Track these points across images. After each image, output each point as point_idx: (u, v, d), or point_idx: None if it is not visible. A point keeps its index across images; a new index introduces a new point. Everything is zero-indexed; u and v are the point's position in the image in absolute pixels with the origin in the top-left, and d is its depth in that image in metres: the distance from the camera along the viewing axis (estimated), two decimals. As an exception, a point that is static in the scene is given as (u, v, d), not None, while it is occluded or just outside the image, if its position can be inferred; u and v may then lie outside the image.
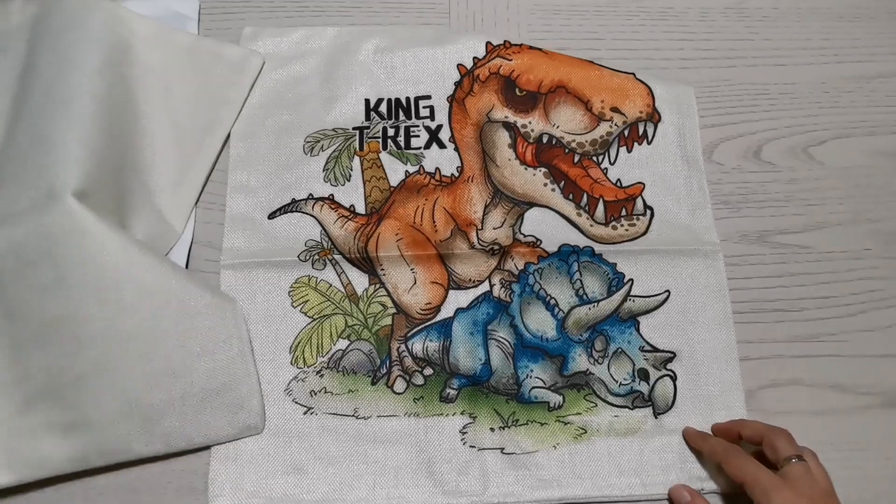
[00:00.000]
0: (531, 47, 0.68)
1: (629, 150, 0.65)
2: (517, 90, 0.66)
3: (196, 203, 0.63)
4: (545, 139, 0.65)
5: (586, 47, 0.70)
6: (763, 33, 0.72)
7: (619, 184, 0.64)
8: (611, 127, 0.65)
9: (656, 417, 0.57)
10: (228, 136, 0.65)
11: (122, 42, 0.64)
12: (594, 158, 0.65)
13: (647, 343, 0.59)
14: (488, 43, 0.68)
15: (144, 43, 0.65)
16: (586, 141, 0.64)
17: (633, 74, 0.67)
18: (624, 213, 0.63)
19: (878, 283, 0.63)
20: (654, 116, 0.66)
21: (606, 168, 0.65)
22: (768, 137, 0.68)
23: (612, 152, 0.65)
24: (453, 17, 0.71)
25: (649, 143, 0.66)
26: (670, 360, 0.59)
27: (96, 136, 0.58)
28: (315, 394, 0.57)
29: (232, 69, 0.66)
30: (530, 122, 0.65)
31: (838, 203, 0.66)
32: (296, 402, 0.57)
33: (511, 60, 0.67)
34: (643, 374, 0.58)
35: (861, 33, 0.72)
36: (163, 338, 0.55)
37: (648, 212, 0.63)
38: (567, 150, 0.64)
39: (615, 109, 0.65)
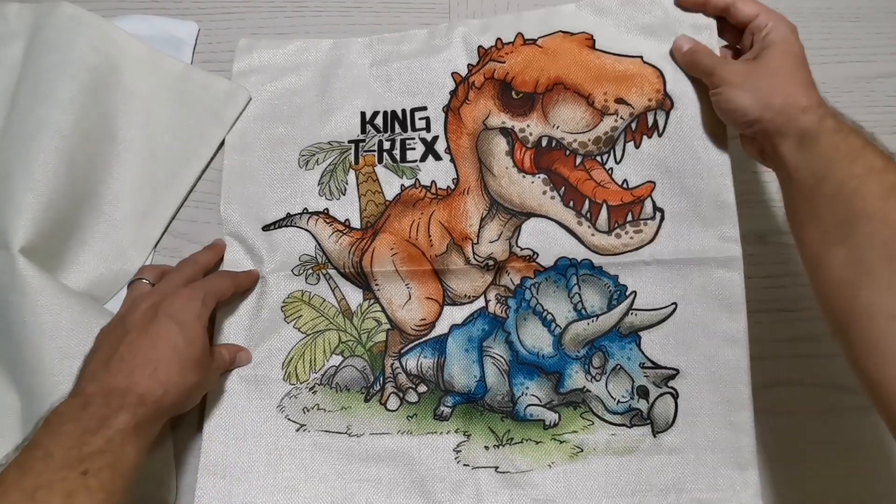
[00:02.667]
0: (525, 42, 0.63)
1: (637, 146, 0.59)
2: (513, 93, 0.62)
3: (160, 238, 0.64)
4: (544, 142, 0.61)
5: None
6: (763, 33, 0.70)
7: (625, 185, 0.59)
8: (615, 121, 0.59)
9: (655, 436, 0.56)
10: (203, 170, 0.65)
11: (108, 64, 0.64)
12: (598, 158, 0.60)
13: (649, 359, 0.57)
14: (480, 47, 0.64)
15: (133, 66, 0.66)
16: (589, 140, 0.60)
17: (641, 57, 0.60)
18: (630, 217, 0.58)
19: (878, 282, 0.61)
20: (665, 103, 0.59)
21: (612, 168, 0.59)
22: (769, 137, 0.66)
23: (618, 149, 0.59)
24: (453, 16, 0.70)
25: (660, 136, 0.59)
26: (672, 377, 0.57)
27: (56, 177, 0.58)
28: (308, 410, 0.57)
29: (218, 101, 0.66)
30: (528, 126, 0.61)
31: (838, 203, 0.64)
32: (288, 419, 0.57)
33: (504, 62, 0.63)
34: (643, 392, 0.57)
35: (861, 33, 0.71)
36: None
37: (658, 214, 0.58)
38: (568, 152, 0.60)
39: (620, 100, 0.59)
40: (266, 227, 0.63)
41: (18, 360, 0.55)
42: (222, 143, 0.66)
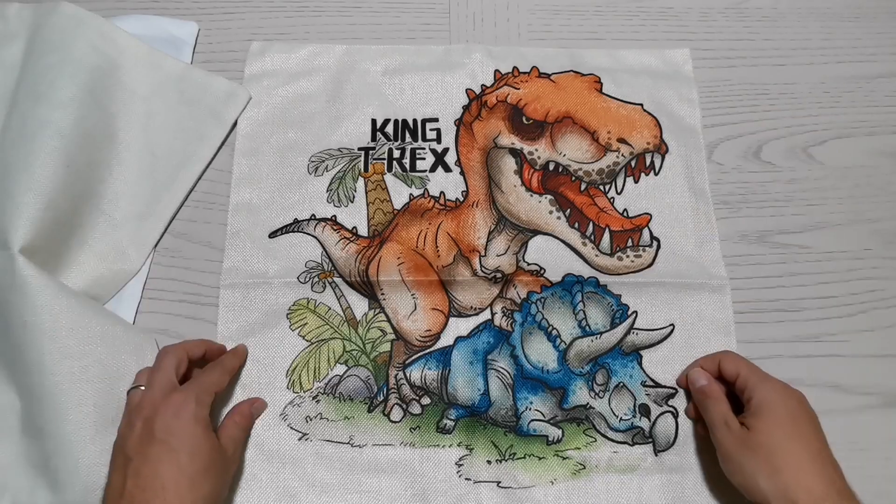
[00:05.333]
0: (539, 75, 0.67)
1: (636, 181, 0.64)
2: (524, 118, 0.65)
3: (160, 238, 0.63)
4: (552, 166, 0.64)
5: (586, 47, 0.70)
6: (763, 33, 0.72)
7: (625, 213, 0.63)
8: (617, 157, 0.64)
9: (656, 455, 0.56)
10: (204, 171, 0.64)
11: (108, 64, 0.64)
12: (601, 187, 0.64)
13: (650, 378, 0.58)
14: (497, 71, 0.68)
15: (133, 66, 0.65)
16: (593, 170, 0.64)
17: (641, 105, 0.66)
18: (630, 243, 0.62)
19: (878, 283, 0.63)
20: (661, 148, 0.65)
21: (613, 198, 0.64)
22: (768, 137, 0.68)
23: (619, 182, 0.64)
24: (453, 16, 0.71)
25: (656, 175, 0.65)
26: (672, 396, 0.58)
27: (56, 176, 0.57)
28: (310, 419, 0.56)
29: (218, 101, 0.65)
30: (537, 150, 0.64)
31: (838, 203, 0.65)
32: (291, 428, 0.56)
33: (518, 89, 0.66)
34: (644, 410, 0.57)
35: (861, 33, 0.72)
36: (80, 401, 0.52)
37: (655, 243, 0.62)
38: (574, 178, 0.63)
39: (622, 140, 0.64)
40: (273, 234, 0.62)
41: (18, 360, 0.53)
42: (222, 143, 0.65)
